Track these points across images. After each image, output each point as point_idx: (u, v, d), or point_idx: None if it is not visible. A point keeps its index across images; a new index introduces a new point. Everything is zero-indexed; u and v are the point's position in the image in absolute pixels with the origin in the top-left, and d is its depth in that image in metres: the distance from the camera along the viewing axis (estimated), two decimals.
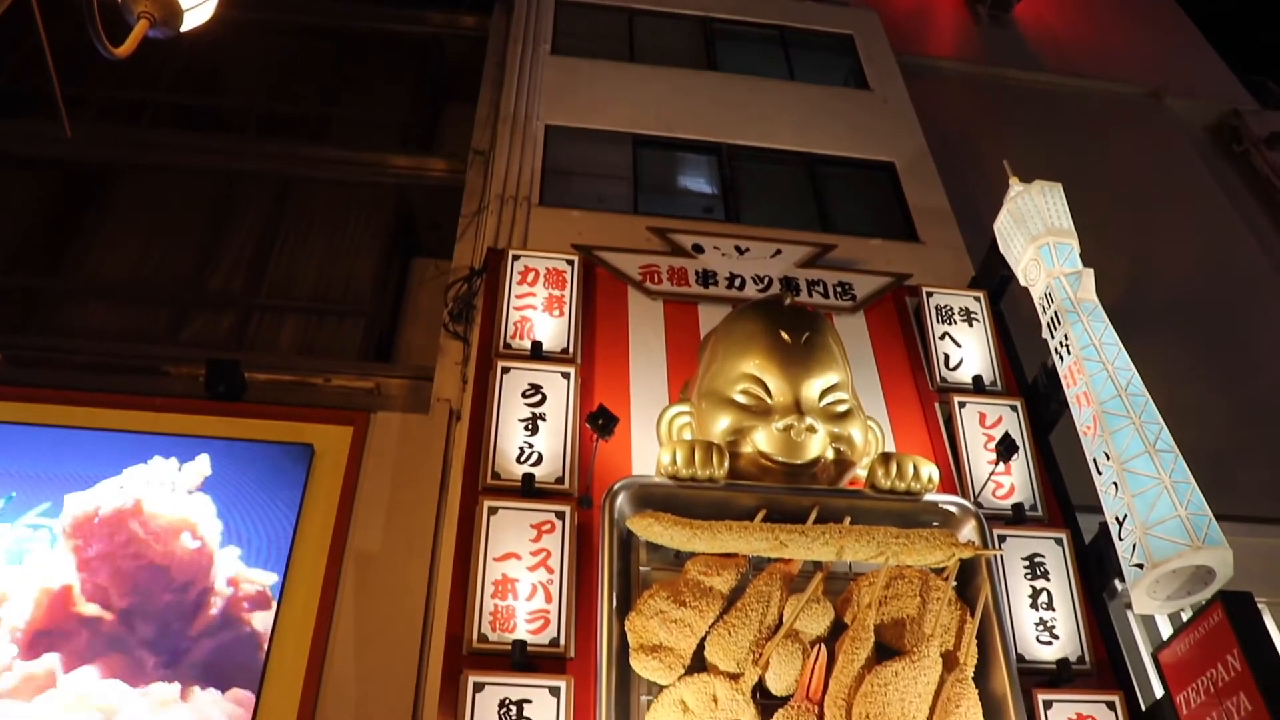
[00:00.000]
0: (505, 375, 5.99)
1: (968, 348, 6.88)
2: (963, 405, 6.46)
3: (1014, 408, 6.53)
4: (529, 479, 5.55)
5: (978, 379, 6.70)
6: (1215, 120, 12.02)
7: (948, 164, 9.34)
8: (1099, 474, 5.60)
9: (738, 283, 7.11)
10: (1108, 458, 5.50)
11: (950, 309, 7.06)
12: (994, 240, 6.97)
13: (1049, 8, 13.96)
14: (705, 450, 5.29)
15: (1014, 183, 6.77)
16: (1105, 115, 11.58)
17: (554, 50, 9.73)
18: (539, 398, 5.92)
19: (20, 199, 8.66)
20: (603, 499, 5.26)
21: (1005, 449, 5.68)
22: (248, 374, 6.63)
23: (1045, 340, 6.36)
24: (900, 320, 7.14)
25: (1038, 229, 6.49)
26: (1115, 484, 5.41)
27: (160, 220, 8.67)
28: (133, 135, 9.22)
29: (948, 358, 6.82)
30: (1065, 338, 6.07)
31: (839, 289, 7.23)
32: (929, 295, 7.11)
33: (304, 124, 10.18)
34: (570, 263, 6.74)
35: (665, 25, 10.59)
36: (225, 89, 10.32)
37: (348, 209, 8.98)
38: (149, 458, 6.07)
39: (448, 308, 7.13)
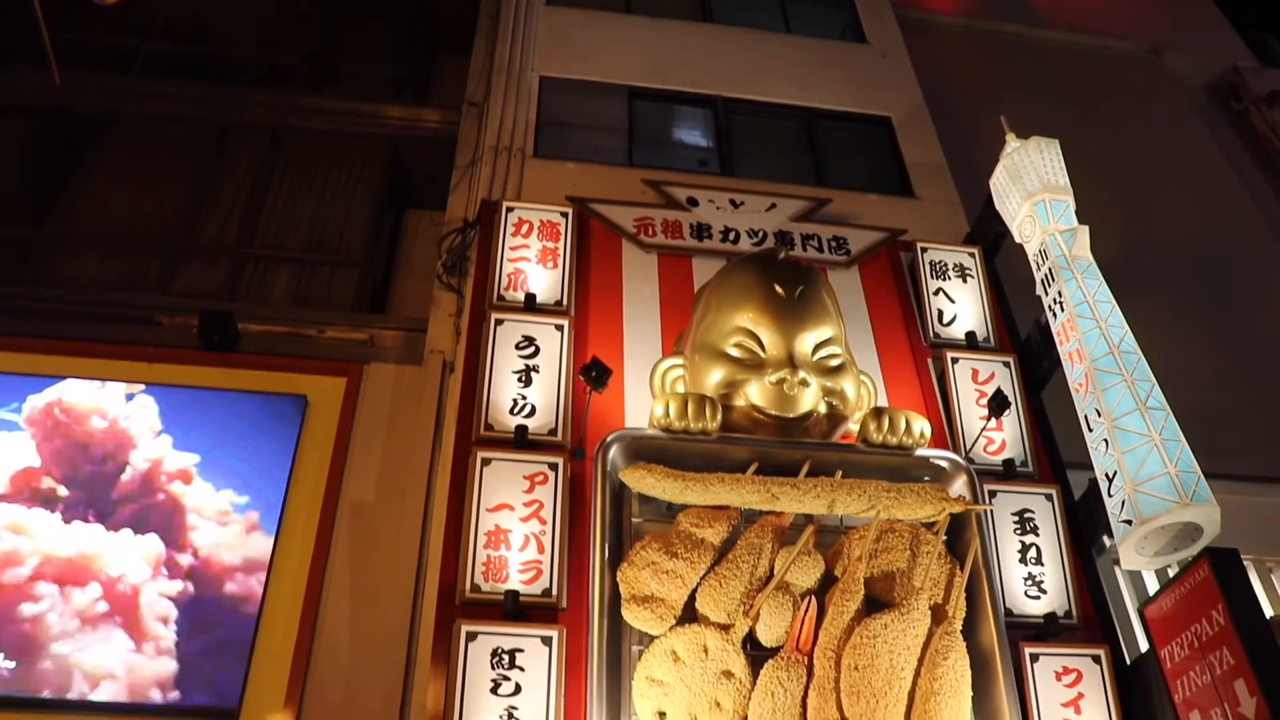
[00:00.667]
0: (499, 327, 5.99)
1: (961, 304, 6.88)
2: (955, 361, 6.48)
3: (1007, 364, 6.54)
4: (522, 431, 5.56)
5: (971, 335, 6.72)
6: (1215, 77, 11.92)
7: (945, 119, 9.28)
8: (1090, 431, 5.63)
9: (732, 236, 7.09)
10: (1099, 415, 5.53)
11: (945, 265, 7.06)
12: (989, 196, 6.95)
13: None
14: (698, 403, 5.30)
15: (1011, 139, 6.74)
16: (1104, 71, 11.49)
17: (549, 1, 9.62)
18: (532, 350, 5.92)
19: (9, 148, 8.57)
20: (596, 451, 5.28)
21: (997, 405, 5.70)
22: (241, 325, 6.61)
23: (1039, 297, 6.36)
24: (894, 275, 7.14)
25: (1034, 185, 6.47)
26: (1106, 441, 5.44)
27: (152, 170, 8.59)
28: (124, 84, 9.11)
29: (941, 313, 6.82)
30: (1059, 295, 6.07)
31: (834, 244, 7.21)
32: (924, 251, 7.10)
33: (297, 74, 10.08)
34: (564, 215, 6.72)
35: None
36: (218, 38, 10.19)
37: (341, 160, 8.91)
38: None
39: (441, 259, 7.10)
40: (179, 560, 5.56)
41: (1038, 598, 5.54)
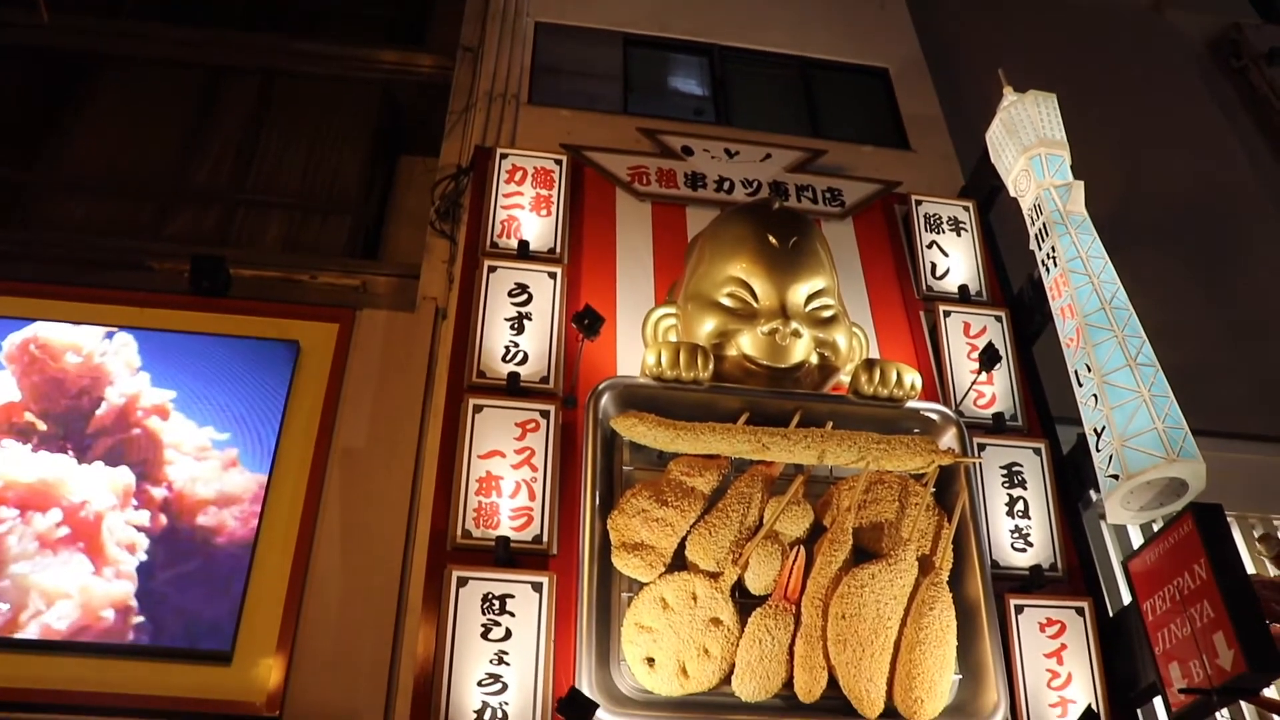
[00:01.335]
0: (492, 274, 5.98)
1: (955, 257, 6.88)
2: (948, 314, 6.49)
3: (999, 318, 6.55)
4: (514, 378, 5.57)
5: (964, 289, 6.72)
6: (1216, 33, 11.79)
7: (942, 72, 9.21)
8: (1079, 386, 5.65)
9: (726, 186, 7.07)
10: (1089, 370, 5.55)
11: (939, 218, 7.04)
12: (985, 150, 6.92)
13: None
14: (690, 352, 5.31)
15: (1008, 92, 6.70)
16: (1104, 26, 11.36)
17: None
18: (525, 297, 5.91)
19: None
20: (587, 399, 5.30)
21: (988, 359, 5.72)
22: (233, 270, 6.56)
23: (1032, 252, 6.36)
24: (888, 228, 7.12)
25: (1030, 139, 6.45)
26: (1095, 396, 5.46)
27: (143, 113, 8.50)
28: (114, 25, 9.00)
29: (935, 266, 6.82)
30: (1052, 250, 6.07)
31: (828, 195, 7.19)
32: (918, 204, 7.08)
33: (289, 17, 9.95)
34: (558, 162, 6.69)
35: None
36: None
37: (334, 105, 8.83)
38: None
39: (435, 206, 7.06)
40: (152, 493, 5.58)
41: (1024, 550, 5.59)
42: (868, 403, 5.54)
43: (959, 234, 7.00)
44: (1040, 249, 6.25)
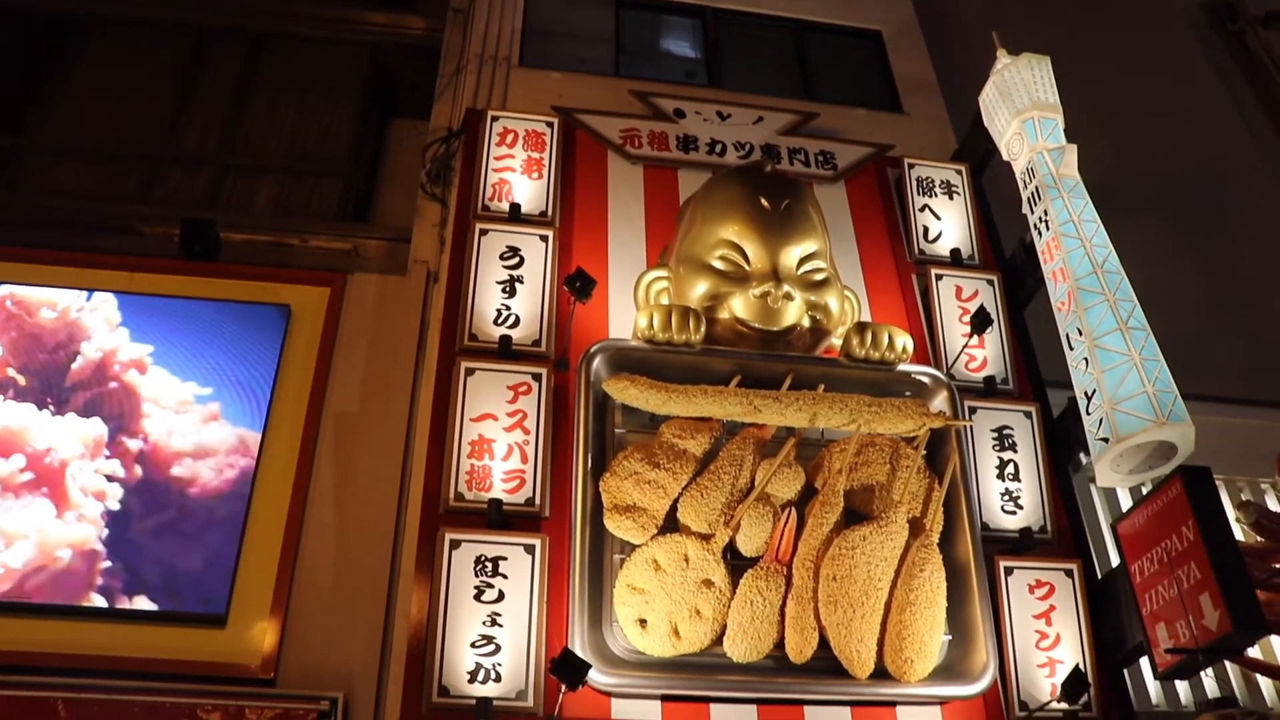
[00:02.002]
0: (483, 237, 5.96)
1: (947, 221, 6.87)
2: (940, 278, 6.49)
3: (990, 282, 6.56)
4: (506, 341, 5.57)
5: (956, 252, 6.71)
6: None
7: (935, 34, 9.15)
8: (1070, 349, 5.67)
9: (719, 149, 7.04)
10: (1080, 334, 5.56)
11: (931, 181, 7.03)
12: (978, 113, 6.90)
13: None
14: (682, 315, 5.31)
15: (1001, 55, 6.68)
16: None
17: None
18: (517, 260, 5.90)
19: None
20: (579, 361, 5.30)
21: (980, 322, 5.74)
22: (223, 234, 6.53)
23: (1025, 215, 6.36)
24: (881, 191, 7.10)
25: (1023, 103, 6.43)
26: (1086, 360, 5.48)
27: (131, 76, 8.43)
28: None
29: (927, 230, 6.81)
30: (1045, 213, 6.06)
31: (820, 158, 7.16)
32: (910, 167, 7.06)
33: None
34: (550, 125, 6.65)
35: None
36: None
37: (324, 67, 8.76)
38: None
39: (425, 169, 7.02)
40: (127, 444, 5.60)
41: (1014, 513, 5.62)
42: (859, 365, 5.56)
43: (951, 197, 6.98)
44: (1032, 213, 6.24)
